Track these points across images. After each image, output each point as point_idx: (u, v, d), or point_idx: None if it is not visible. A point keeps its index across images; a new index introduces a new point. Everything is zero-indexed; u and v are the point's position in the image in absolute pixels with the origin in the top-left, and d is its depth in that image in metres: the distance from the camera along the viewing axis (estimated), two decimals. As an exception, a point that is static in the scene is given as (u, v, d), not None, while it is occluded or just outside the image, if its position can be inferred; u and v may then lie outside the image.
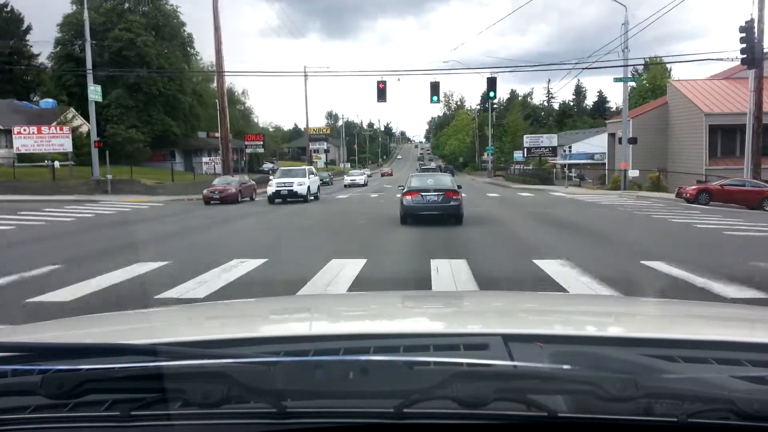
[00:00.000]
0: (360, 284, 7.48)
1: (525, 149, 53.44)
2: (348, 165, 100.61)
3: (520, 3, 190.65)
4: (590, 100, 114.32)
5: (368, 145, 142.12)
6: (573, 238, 12.88)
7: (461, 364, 0.94)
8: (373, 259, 9.50)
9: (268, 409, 0.93)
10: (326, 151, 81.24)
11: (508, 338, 1.21)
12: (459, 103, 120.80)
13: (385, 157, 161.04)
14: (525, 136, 55.69)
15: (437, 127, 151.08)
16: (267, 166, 63.73)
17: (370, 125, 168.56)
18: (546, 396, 0.91)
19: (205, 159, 54.27)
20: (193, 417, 0.95)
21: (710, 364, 1.13)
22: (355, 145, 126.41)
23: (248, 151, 53.80)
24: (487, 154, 68.97)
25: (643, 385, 0.87)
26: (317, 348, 1.22)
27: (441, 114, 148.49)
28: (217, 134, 55.95)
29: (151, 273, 8.53)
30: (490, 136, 68.92)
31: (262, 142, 52.16)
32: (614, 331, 1.54)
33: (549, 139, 54.63)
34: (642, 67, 62.58)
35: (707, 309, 2.16)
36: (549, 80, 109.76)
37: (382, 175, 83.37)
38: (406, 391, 0.90)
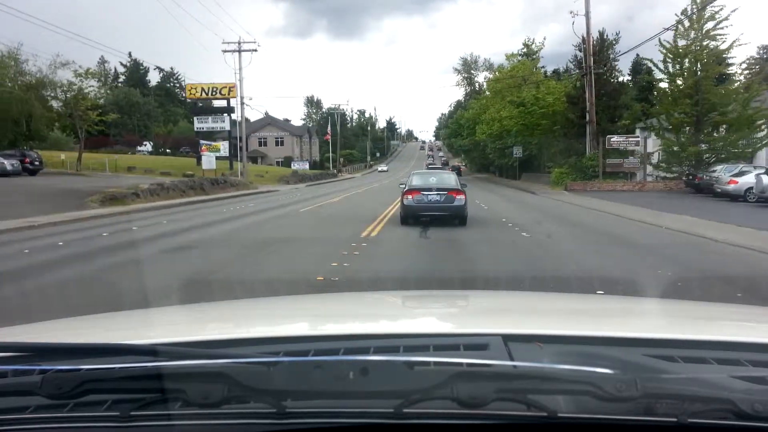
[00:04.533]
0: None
1: None
2: (305, 166, 66.82)
3: (530, 2, 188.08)
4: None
5: (340, 134, 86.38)
6: None
7: (461, 364, 0.94)
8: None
9: (268, 409, 0.93)
10: (279, 143, 49.84)
11: (508, 338, 1.21)
12: (488, 71, 71.25)
13: (378, 155, 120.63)
14: None
15: (454, 111, 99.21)
16: None
17: (362, 112, 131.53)
18: (546, 396, 0.91)
19: None
20: (193, 417, 0.95)
21: (710, 364, 1.13)
22: (327, 136, 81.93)
23: None
24: None
25: (643, 385, 0.88)
26: (317, 348, 1.22)
27: (454, 103, 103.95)
28: None
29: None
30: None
31: None
32: (614, 331, 1.54)
33: None
34: None
35: (707, 309, 2.16)
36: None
37: None
38: (406, 391, 0.90)
